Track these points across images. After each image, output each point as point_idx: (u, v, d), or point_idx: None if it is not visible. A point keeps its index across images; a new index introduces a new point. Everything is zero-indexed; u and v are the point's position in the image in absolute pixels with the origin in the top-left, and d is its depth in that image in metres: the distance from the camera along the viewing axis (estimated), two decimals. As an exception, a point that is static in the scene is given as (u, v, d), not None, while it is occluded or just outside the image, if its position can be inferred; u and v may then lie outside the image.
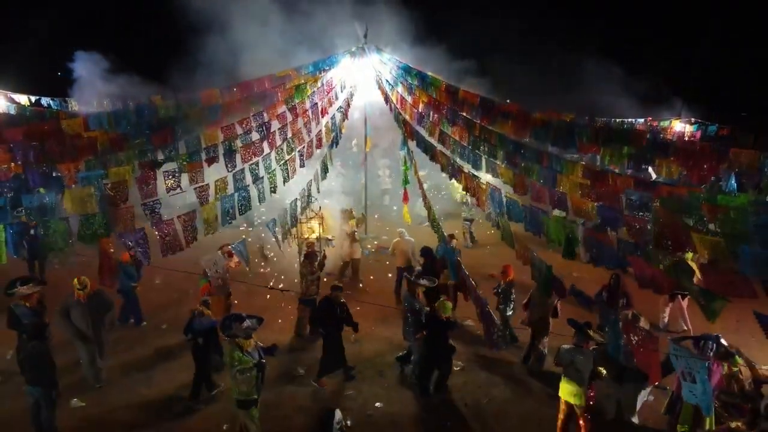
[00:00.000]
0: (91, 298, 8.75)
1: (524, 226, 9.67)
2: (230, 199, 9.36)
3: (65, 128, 13.77)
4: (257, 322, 7.22)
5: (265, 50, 19.63)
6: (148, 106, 14.91)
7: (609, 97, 24.64)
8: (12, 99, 20.83)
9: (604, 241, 8.17)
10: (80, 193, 9.30)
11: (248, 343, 7.04)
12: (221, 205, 9.07)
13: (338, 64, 16.40)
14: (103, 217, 8.30)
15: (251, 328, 7.07)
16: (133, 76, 23.37)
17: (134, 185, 10.39)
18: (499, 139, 13.94)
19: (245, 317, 7.14)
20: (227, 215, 9.20)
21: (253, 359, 7.00)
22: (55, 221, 7.74)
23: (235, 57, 20.26)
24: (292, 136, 13.72)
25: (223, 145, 12.97)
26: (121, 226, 8.54)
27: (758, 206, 10.79)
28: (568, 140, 14.51)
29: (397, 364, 9.70)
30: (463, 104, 15.63)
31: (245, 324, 7.02)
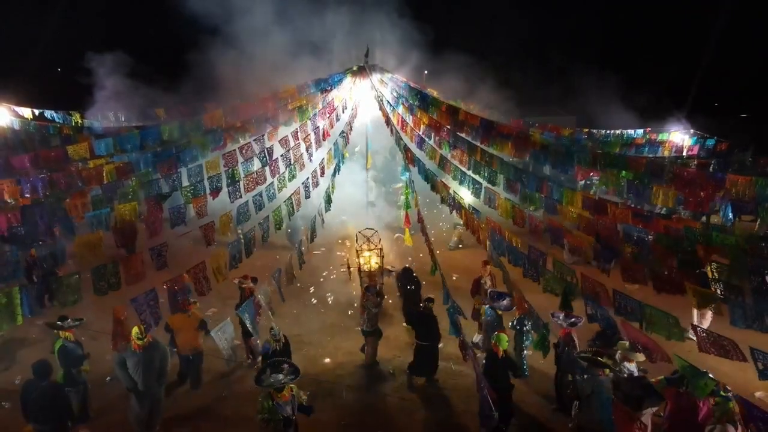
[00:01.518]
0: (146, 349, 8.20)
1: (522, 273, 9.90)
2: (236, 244, 9.58)
3: (71, 154, 13.97)
4: (293, 376, 7.01)
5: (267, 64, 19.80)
6: (152, 131, 15.02)
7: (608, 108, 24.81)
8: (15, 112, 20.92)
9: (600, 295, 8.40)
10: (89, 239, 9.55)
11: (282, 395, 6.89)
12: (229, 251, 9.29)
13: (340, 84, 16.54)
14: (114, 267, 8.57)
15: (286, 381, 6.92)
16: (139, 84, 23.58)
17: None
18: (500, 164, 14.11)
19: (284, 367, 7.05)
20: (234, 260, 9.44)
21: (284, 413, 6.87)
22: (67, 277, 7.98)
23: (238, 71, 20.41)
24: (295, 161, 13.91)
25: (226, 173, 13.17)
26: (132, 277, 8.81)
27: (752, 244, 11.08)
28: (566, 164, 14.69)
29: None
30: (464, 125, 15.77)
31: (281, 375, 6.92)
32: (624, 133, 22.28)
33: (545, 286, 8.99)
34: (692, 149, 20.81)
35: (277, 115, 15.19)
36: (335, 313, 13.19)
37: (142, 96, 23.47)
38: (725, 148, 20.06)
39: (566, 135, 19.48)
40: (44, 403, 7.64)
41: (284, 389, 6.91)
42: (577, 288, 8.87)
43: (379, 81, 16.66)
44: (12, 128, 20.37)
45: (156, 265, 9.46)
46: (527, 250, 10.27)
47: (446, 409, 9.48)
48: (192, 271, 8.24)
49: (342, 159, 13.93)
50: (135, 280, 8.91)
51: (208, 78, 22.86)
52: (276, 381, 6.85)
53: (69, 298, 7.89)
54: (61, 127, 19.71)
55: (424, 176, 13.17)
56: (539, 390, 9.85)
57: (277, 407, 6.85)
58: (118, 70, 23.20)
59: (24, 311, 7.34)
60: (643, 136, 21.61)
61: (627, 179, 14.20)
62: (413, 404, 9.63)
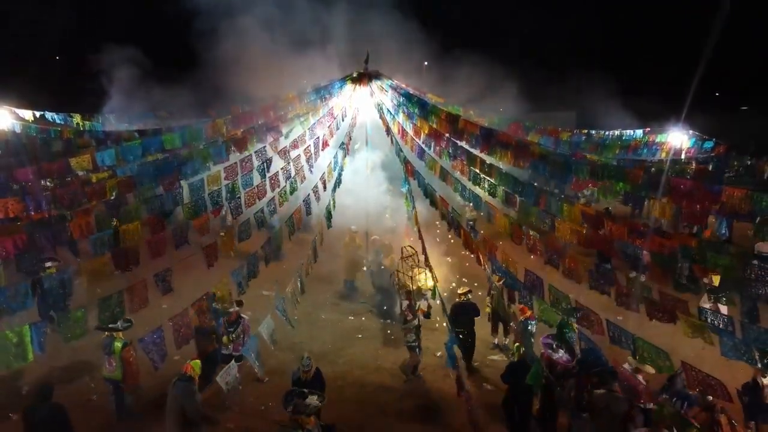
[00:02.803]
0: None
1: (518, 299, 10.10)
2: (239, 271, 9.77)
3: (74, 166, 14.09)
4: (318, 402, 7.11)
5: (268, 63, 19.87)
6: (154, 140, 15.10)
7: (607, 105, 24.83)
8: (17, 115, 20.93)
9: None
10: (95, 264, 9.75)
11: (308, 420, 6.94)
12: (233, 278, 9.49)
13: (339, 91, 16.58)
14: (119, 296, 8.78)
15: (313, 406, 7.00)
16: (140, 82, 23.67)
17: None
18: (498, 175, 14.23)
19: (308, 393, 7.14)
20: (240, 287, 9.66)
21: None
22: (74, 312, 8.18)
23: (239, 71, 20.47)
24: (296, 174, 14.04)
25: (226, 188, 13.31)
26: (136, 304, 9.02)
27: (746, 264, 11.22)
28: (564, 175, 14.81)
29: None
30: (463, 133, 15.83)
31: (306, 401, 6.99)
32: (623, 134, 22.33)
33: (540, 315, 9.19)
34: (690, 151, 20.87)
35: (278, 125, 15.26)
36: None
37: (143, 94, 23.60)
38: (723, 151, 20.12)
39: (564, 138, 19.51)
40: (49, 426, 7.86)
41: (311, 415, 7.00)
42: (571, 327, 9.03)
43: (378, 88, 16.69)
44: (13, 131, 20.42)
45: (161, 291, 9.70)
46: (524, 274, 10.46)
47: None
48: (197, 304, 8.43)
49: (342, 171, 14.03)
50: (139, 308, 9.15)
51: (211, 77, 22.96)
52: (310, 405, 6.94)
53: (76, 332, 8.08)
54: (62, 131, 19.77)
55: (424, 190, 13.30)
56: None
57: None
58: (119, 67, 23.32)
59: (34, 348, 7.54)
60: (642, 138, 21.65)
61: (624, 191, 14.41)
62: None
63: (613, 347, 8.86)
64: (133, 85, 23.58)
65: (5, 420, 9.30)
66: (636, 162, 18.07)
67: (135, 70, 23.49)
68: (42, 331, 7.64)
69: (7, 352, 7.21)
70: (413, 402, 10.26)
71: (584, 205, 15.94)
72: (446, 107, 17.96)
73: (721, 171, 17.71)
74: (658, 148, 20.49)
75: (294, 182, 13.79)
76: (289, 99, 17.09)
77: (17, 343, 7.32)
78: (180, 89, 23.17)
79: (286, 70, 21.05)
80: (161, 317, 9.88)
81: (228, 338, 9.74)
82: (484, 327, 12.27)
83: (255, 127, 15.62)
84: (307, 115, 16.11)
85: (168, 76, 23.49)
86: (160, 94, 23.44)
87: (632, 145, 20.27)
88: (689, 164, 18.41)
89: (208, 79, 22.60)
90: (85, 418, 8.93)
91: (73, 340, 8.05)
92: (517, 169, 16.24)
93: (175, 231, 11.24)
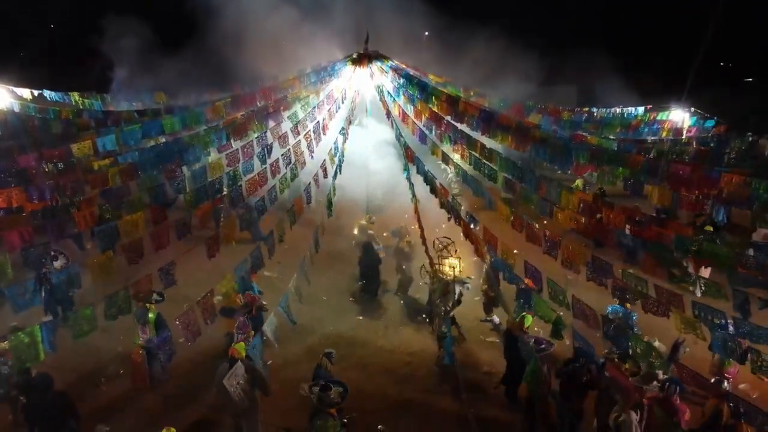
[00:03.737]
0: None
1: (515, 296, 10.28)
2: (243, 265, 9.94)
3: (76, 152, 14.12)
4: (341, 395, 7.35)
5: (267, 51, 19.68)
6: (154, 124, 15.08)
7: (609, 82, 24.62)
8: (15, 94, 20.81)
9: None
10: (101, 260, 9.92)
11: (330, 412, 7.23)
12: (236, 273, 9.67)
13: (339, 73, 16.47)
14: (125, 293, 8.97)
15: (335, 399, 7.25)
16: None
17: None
18: (499, 160, 14.28)
19: (332, 386, 7.40)
20: (243, 282, 9.85)
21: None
22: (82, 309, 8.39)
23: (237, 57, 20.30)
24: (296, 160, 14.08)
25: (228, 175, 13.38)
26: (141, 298, 9.23)
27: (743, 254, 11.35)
28: (565, 159, 14.86)
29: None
30: (464, 116, 15.80)
31: (330, 394, 7.25)
32: (624, 112, 22.22)
33: (536, 312, 9.38)
34: (691, 131, 20.80)
35: (279, 110, 15.22)
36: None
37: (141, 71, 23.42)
38: (724, 131, 20.06)
39: (566, 118, 19.45)
40: (53, 413, 8.19)
41: (333, 407, 7.26)
42: (565, 322, 9.23)
43: (378, 69, 16.57)
44: (12, 111, 20.33)
45: (164, 284, 9.89)
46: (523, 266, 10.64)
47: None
48: (201, 302, 8.62)
49: (343, 157, 14.06)
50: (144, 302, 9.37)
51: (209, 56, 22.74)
52: (326, 398, 7.21)
53: (84, 329, 8.29)
54: (60, 111, 19.68)
55: (424, 177, 13.35)
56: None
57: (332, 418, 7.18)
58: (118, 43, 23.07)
59: (45, 347, 7.76)
60: (643, 115, 21.56)
61: (624, 176, 14.48)
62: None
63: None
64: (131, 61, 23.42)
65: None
66: (636, 143, 18.01)
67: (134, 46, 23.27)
68: (52, 330, 7.84)
69: (20, 353, 7.42)
70: (413, 387, 10.58)
71: (582, 190, 16.11)
72: (446, 88, 17.88)
73: (721, 153, 17.69)
74: (659, 126, 20.43)
75: (295, 168, 13.84)
76: (289, 81, 16.98)
77: (29, 343, 7.52)
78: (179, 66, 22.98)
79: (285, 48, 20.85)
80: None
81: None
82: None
83: (255, 110, 15.61)
84: (307, 98, 16.05)
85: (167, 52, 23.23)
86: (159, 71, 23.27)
87: (633, 124, 20.20)
88: (689, 146, 18.37)
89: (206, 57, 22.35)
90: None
91: (81, 337, 8.23)
92: (517, 152, 16.31)
93: (178, 221, 11.34)
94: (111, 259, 9.97)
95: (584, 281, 10.98)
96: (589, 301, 9.34)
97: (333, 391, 7.31)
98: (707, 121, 20.79)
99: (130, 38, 23.01)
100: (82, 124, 18.27)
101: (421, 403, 10.05)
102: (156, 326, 9.72)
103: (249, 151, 13.99)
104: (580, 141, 16.14)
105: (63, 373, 9.60)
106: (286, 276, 13.21)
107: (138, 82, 23.12)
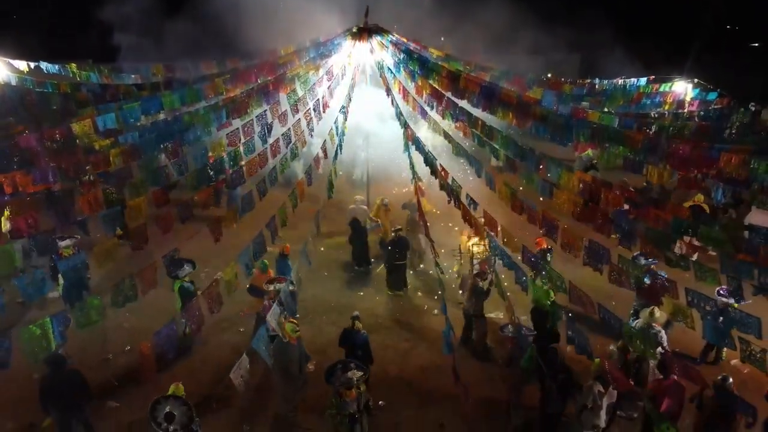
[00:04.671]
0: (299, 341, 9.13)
1: (514, 279, 10.48)
2: (246, 253, 10.10)
3: (76, 131, 14.10)
4: (359, 377, 7.59)
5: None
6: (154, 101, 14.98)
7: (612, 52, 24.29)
8: (12, 66, 20.53)
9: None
10: (106, 246, 10.09)
11: (349, 393, 7.47)
12: (240, 260, 9.85)
13: (339, 48, 16.27)
14: (130, 281, 9.17)
15: (351, 380, 7.49)
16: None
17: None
18: (501, 139, 14.31)
19: (352, 367, 7.70)
20: (247, 269, 10.05)
21: (350, 409, 7.50)
22: (90, 298, 8.61)
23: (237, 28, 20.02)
24: (296, 140, 14.07)
25: (228, 155, 13.41)
26: (147, 287, 9.44)
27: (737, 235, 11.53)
28: (565, 136, 14.85)
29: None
30: (465, 92, 15.69)
31: (349, 374, 7.52)
32: (626, 83, 21.98)
33: (533, 298, 9.60)
34: (693, 104, 20.61)
35: (278, 86, 15.09)
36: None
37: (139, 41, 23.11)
38: (727, 104, 19.87)
39: (567, 91, 19.28)
40: (67, 391, 8.51)
41: (352, 388, 7.54)
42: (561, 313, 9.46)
43: (378, 44, 16.36)
44: (9, 84, 20.11)
45: (168, 273, 10.11)
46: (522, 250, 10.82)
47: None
48: (206, 292, 8.83)
49: (343, 137, 14.05)
50: (149, 289, 9.59)
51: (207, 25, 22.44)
52: (346, 380, 7.49)
53: (91, 319, 8.53)
54: (59, 84, 19.50)
55: (424, 158, 13.39)
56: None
57: (344, 404, 7.54)
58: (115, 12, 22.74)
59: (56, 338, 8.01)
60: (645, 86, 21.32)
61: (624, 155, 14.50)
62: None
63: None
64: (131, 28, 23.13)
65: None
66: (638, 117, 17.92)
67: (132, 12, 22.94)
68: (63, 322, 8.07)
69: (33, 345, 7.67)
70: (414, 362, 10.97)
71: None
72: (447, 63, 17.67)
73: (722, 128, 17.63)
74: (662, 99, 20.25)
75: (295, 148, 13.86)
76: (288, 56, 16.79)
77: (41, 335, 7.76)
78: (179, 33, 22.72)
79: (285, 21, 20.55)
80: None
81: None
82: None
83: (254, 87, 15.50)
84: (307, 75, 15.90)
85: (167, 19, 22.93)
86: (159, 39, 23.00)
87: (635, 96, 20.01)
88: (691, 120, 18.27)
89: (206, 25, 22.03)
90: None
91: (87, 326, 8.47)
92: (517, 129, 16.29)
93: (180, 205, 11.47)
94: (117, 245, 10.13)
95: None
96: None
97: (351, 372, 7.56)
98: (710, 93, 20.58)
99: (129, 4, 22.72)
100: (81, 99, 18.18)
101: (420, 380, 10.47)
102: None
103: (249, 130, 13.97)
104: (580, 117, 16.04)
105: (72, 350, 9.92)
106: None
107: (137, 51, 22.85)
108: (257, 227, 11.26)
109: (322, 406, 8.22)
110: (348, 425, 7.59)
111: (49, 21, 27.09)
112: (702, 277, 10.20)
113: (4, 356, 7.44)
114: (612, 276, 10.34)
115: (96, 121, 14.05)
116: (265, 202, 12.76)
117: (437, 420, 9.41)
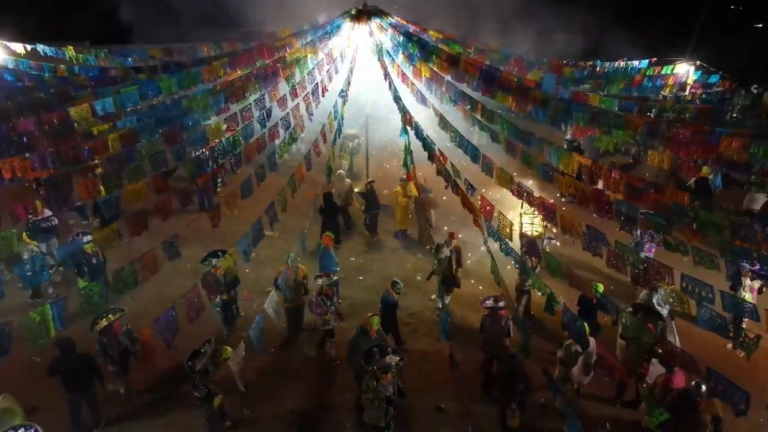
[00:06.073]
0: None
1: (514, 264, 10.50)
2: (245, 238, 10.11)
3: (74, 116, 14.03)
4: (397, 362, 7.77)
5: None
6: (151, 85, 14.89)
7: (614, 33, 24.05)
8: (9, 49, 20.36)
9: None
10: (106, 233, 10.13)
11: (386, 377, 7.63)
12: (239, 248, 9.87)
13: (338, 31, 16.12)
14: (131, 268, 9.21)
15: (389, 365, 7.66)
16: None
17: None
18: (501, 122, 14.25)
19: (390, 352, 7.85)
20: (246, 255, 10.07)
21: (386, 392, 7.66)
22: (92, 284, 8.66)
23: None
24: (295, 124, 14.01)
25: (227, 141, 13.35)
26: (147, 274, 9.48)
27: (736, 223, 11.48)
28: (564, 120, 14.78)
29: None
30: (465, 76, 15.58)
31: (387, 359, 7.68)
32: (628, 65, 21.78)
33: (532, 284, 9.63)
34: (695, 86, 20.47)
35: (277, 70, 14.98)
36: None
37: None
38: (729, 86, 19.74)
39: (568, 75, 19.12)
40: (79, 375, 8.77)
41: (389, 372, 7.69)
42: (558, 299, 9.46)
43: (378, 27, 16.21)
44: (6, 67, 19.97)
45: (168, 257, 10.14)
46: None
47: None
48: (206, 280, 8.87)
49: (342, 121, 13.99)
50: (150, 275, 9.64)
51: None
52: (385, 364, 7.64)
53: (92, 307, 8.59)
54: (56, 68, 19.37)
55: (423, 143, 13.32)
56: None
57: (381, 387, 7.65)
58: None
59: (56, 325, 8.08)
60: (647, 68, 21.13)
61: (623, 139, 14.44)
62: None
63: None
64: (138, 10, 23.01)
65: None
66: (638, 101, 17.80)
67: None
68: (62, 308, 8.13)
69: (33, 332, 7.73)
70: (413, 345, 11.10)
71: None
72: (447, 45, 17.52)
73: (723, 111, 17.53)
74: (663, 82, 20.09)
75: (294, 132, 13.80)
76: (286, 39, 16.63)
77: (41, 322, 7.82)
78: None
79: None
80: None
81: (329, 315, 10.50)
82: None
83: (253, 71, 15.40)
84: (305, 58, 15.78)
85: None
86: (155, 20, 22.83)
87: (636, 79, 19.84)
88: (692, 104, 18.15)
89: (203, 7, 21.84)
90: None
91: (89, 313, 8.54)
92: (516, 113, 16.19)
93: (180, 191, 11.46)
94: (115, 232, 10.15)
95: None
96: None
97: (389, 357, 7.71)
98: (712, 75, 20.42)
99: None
100: (78, 82, 18.10)
101: (419, 362, 10.57)
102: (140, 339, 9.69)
103: (248, 114, 13.91)
104: (580, 102, 15.95)
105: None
106: (287, 235, 13.55)
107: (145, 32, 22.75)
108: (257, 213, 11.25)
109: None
110: (385, 408, 7.73)
111: (47, 2, 26.84)
112: (701, 262, 10.21)
113: (5, 342, 7.50)
114: (610, 262, 10.36)
115: (93, 105, 14.05)
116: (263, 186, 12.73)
117: (435, 403, 9.53)
